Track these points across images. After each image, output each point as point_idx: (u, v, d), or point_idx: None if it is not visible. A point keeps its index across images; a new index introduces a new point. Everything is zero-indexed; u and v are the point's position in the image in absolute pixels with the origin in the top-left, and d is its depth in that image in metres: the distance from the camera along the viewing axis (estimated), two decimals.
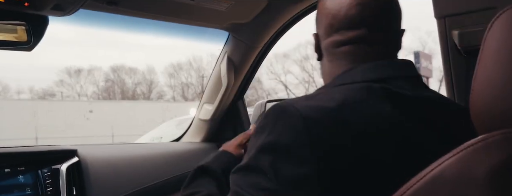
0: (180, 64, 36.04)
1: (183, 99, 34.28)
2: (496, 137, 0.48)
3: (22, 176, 1.14)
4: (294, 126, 0.61)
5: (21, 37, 1.06)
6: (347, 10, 0.74)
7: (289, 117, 0.62)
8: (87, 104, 22.43)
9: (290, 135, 0.61)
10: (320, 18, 0.81)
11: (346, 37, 0.75)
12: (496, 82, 0.50)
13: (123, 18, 1.32)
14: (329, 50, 0.78)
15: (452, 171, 0.48)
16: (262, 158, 0.62)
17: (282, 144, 0.61)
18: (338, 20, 0.75)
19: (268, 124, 0.65)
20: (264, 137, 0.64)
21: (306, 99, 0.66)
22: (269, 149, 0.62)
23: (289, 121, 0.62)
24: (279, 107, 0.65)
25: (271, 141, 0.62)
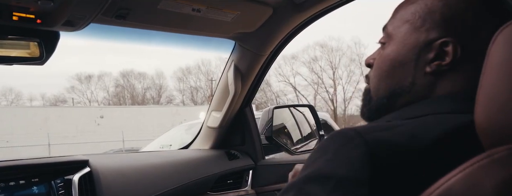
0: (189, 68, 36.26)
1: (192, 103, 34.41)
2: (502, 153, 0.47)
3: (36, 187, 1.17)
4: (357, 160, 0.53)
5: (34, 53, 1.09)
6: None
7: (354, 147, 0.54)
8: (97, 109, 22.61)
9: (349, 169, 0.53)
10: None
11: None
12: (501, 96, 0.49)
13: (131, 30, 1.35)
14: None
15: (459, 187, 0.47)
16: (308, 186, 0.54)
17: (339, 176, 0.53)
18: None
19: (329, 148, 0.57)
20: (321, 162, 0.56)
21: (378, 130, 0.57)
22: (323, 177, 0.54)
23: (353, 153, 0.53)
24: (346, 133, 0.56)
25: (327, 169, 0.54)
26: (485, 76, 0.52)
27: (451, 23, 0.63)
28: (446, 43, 0.63)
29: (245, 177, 1.75)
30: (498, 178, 0.46)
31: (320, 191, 0.53)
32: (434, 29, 0.64)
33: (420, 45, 0.65)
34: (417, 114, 0.62)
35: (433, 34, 0.64)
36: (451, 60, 0.63)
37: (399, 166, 0.53)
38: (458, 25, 0.63)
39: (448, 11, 0.64)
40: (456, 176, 0.49)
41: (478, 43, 0.62)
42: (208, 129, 1.79)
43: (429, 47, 0.64)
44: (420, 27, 0.65)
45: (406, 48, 0.66)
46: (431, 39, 0.64)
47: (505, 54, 0.50)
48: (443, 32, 0.63)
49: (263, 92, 32.08)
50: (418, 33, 0.65)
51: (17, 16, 1.00)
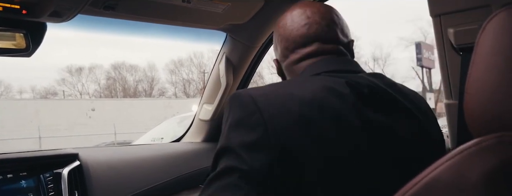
0: (181, 60, 36.10)
1: (184, 96, 34.32)
2: (490, 141, 0.48)
3: (25, 181, 1.15)
4: (244, 103, 0.70)
5: (20, 44, 1.07)
6: (297, 31, 0.86)
7: (240, 98, 0.72)
8: (89, 102, 22.47)
9: (241, 111, 0.70)
10: (276, 45, 0.92)
11: (302, 54, 0.85)
12: (490, 85, 0.50)
13: (121, 22, 1.32)
14: (290, 69, 0.88)
15: (447, 175, 0.48)
16: (226, 138, 0.70)
17: (236, 118, 0.70)
18: (291, 42, 0.86)
19: (225, 113, 0.75)
20: (224, 125, 0.73)
21: (257, 87, 0.76)
22: (229, 131, 0.70)
23: (240, 101, 0.71)
24: (232, 95, 0.74)
25: (228, 124, 0.71)
26: (474, 66, 0.52)
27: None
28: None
29: None
30: (486, 166, 0.46)
31: (231, 135, 0.69)
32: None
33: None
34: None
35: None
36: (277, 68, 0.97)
37: (273, 98, 0.70)
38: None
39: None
40: (443, 164, 0.49)
41: (278, 51, 0.95)
42: (200, 122, 1.78)
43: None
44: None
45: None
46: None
47: (493, 43, 0.50)
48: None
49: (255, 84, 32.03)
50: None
51: (2, 6, 0.97)
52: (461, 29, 1.07)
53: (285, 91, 0.72)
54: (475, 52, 0.53)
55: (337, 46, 0.86)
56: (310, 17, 0.86)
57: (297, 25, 0.86)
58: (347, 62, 0.84)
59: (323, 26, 0.85)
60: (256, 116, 0.68)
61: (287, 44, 0.87)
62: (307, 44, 0.85)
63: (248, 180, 0.65)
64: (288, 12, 0.90)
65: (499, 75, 0.49)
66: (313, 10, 0.87)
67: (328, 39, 0.85)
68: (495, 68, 0.49)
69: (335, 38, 0.86)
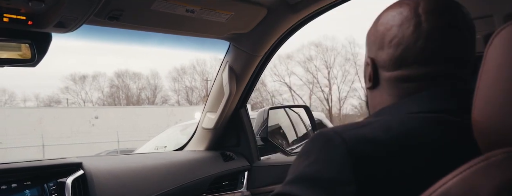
0: (184, 68, 36.14)
1: (187, 103, 34.33)
2: (498, 157, 0.47)
3: (29, 191, 1.15)
4: (339, 160, 0.55)
5: (25, 55, 1.08)
6: (424, 42, 0.64)
7: (334, 148, 0.56)
8: (92, 110, 22.50)
9: (333, 169, 0.55)
10: (383, 44, 0.69)
11: (420, 73, 0.65)
12: (498, 99, 0.49)
13: (125, 31, 1.33)
14: (394, 84, 0.68)
15: (456, 190, 0.47)
16: (296, 188, 0.56)
17: (324, 178, 0.55)
18: (412, 53, 0.65)
19: (312, 152, 0.59)
20: (304, 166, 0.58)
21: (356, 127, 0.59)
22: (308, 181, 0.56)
23: (333, 153, 0.56)
24: (326, 135, 0.59)
25: (311, 172, 0.57)
26: (482, 78, 0.52)
27: (369, 41, 0.73)
28: (369, 61, 0.73)
29: (241, 178, 1.74)
30: (495, 182, 0.46)
31: (307, 194, 0.55)
32: (368, 50, 0.75)
33: (366, 66, 0.76)
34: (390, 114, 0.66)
35: (366, 55, 0.75)
36: (369, 77, 0.73)
37: (379, 159, 0.54)
38: (373, 42, 0.72)
39: (370, 32, 0.74)
40: (452, 179, 0.48)
41: (383, 54, 0.70)
42: (203, 130, 1.78)
43: (367, 67, 0.74)
44: (367, 52, 0.75)
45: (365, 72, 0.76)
46: (365, 59, 0.76)
47: (501, 56, 0.50)
48: (367, 51, 0.74)
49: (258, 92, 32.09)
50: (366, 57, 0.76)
51: (8, 17, 0.98)
52: None
53: (392, 148, 0.55)
54: (483, 65, 0.52)
55: (470, 70, 0.66)
56: (450, 25, 0.65)
57: (429, 33, 0.64)
58: (466, 98, 0.57)
59: (463, 41, 0.65)
60: (350, 187, 0.53)
61: (405, 55, 0.66)
62: (433, 62, 0.65)
63: None
64: (413, 5, 0.67)
65: (507, 89, 0.48)
66: (454, 13, 0.66)
67: (462, 61, 0.65)
68: (503, 81, 0.49)
69: (471, 58, 0.66)
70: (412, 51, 0.65)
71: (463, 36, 0.65)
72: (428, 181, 0.50)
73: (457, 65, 0.65)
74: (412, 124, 0.58)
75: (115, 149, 16.75)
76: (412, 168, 0.54)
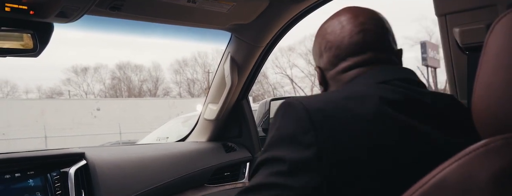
0: (186, 60, 36.13)
1: (189, 95, 34.36)
2: (498, 142, 0.48)
3: (32, 180, 1.16)
4: (298, 117, 0.66)
5: (27, 45, 1.08)
6: (350, 38, 0.81)
7: (294, 110, 0.67)
8: (94, 102, 22.55)
9: (294, 125, 0.66)
10: (320, 52, 0.86)
11: (354, 62, 0.80)
12: (498, 86, 0.49)
13: (127, 22, 1.33)
14: (337, 78, 0.83)
15: (455, 176, 0.48)
16: (270, 152, 0.67)
17: (287, 134, 0.66)
18: (343, 49, 0.81)
19: (276, 119, 0.71)
20: (273, 132, 0.69)
21: (311, 96, 0.72)
22: (277, 142, 0.67)
23: (293, 113, 0.67)
24: (285, 103, 0.70)
25: (277, 134, 0.68)
26: (482, 66, 0.52)
27: (313, 54, 0.91)
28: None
29: (242, 169, 1.75)
30: (494, 168, 0.46)
31: (279, 152, 0.65)
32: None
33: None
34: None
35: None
36: (319, 79, 0.89)
37: (330, 111, 0.66)
38: (314, 54, 0.91)
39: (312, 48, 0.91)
40: (450, 165, 0.49)
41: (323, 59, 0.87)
42: (205, 122, 1.78)
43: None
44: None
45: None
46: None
47: (502, 44, 0.50)
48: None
49: (260, 84, 32.08)
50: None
51: (10, 7, 0.98)
52: (467, 29, 1.07)
53: (345, 106, 0.66)
54: (483, 53, 0.52)
55: (391, 55, 0.82)
56: (364, 23, 0.81)
57: (350, 31, 0.81)
58: (402, 71, 0.79)
59: (378, 34, 0.82)
60: (310, 135, 0.63)
61: (337, 52, 0.82)
62: (361, 52, 0.80)
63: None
64: (336, 17, 0.85)
65: (507, 76, 0.49)
66: (366, 16, 0.83)
67: (382, 48, 0.81)
68: (504, 69, 0.49)
69: (389, 46, 0.83)
70: (343, 48, 0.82)
71: (376, 31, 0.82)
72: (372, 124, 0.64)
73: (379, 52, 0.81)
74: (356, 88, 0.73)
75: (117, 141, 16.82)
76: (354, 116, 0.66)
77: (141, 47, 44.03)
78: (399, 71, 0.78)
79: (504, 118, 0.49)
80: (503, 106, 0.49)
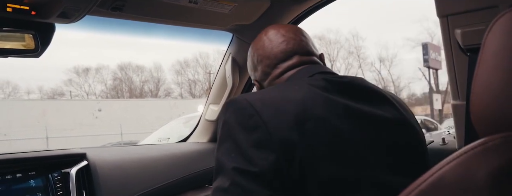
0: (187, 61, 36.14)
1: (190, 96, 34.38)
2: (496, 141, 0.48)
3: (33, 181, 1.16)
4: (242, 106, 0.74)
5: (29, 45, 1.08)
6: (277, 48, 0.93)
7: (236, 103, 0.75)
8: (95, 102, 22.58)
9: (239, 114, 0.73)
10: (255, 67, 0.98)
11: (284, 67, 0.92)
12: (496, 85, 0.49)
13: (128, 22, 1.33)
14: (272, 84, 0.94)
15: (453, 175, 0.48)
16: (223, 146, 0.73)
17: (235, 121, 0.73)
18: (273, 58, 0.93)
19: (221, 117, 0.77)
20: (220, 128, 0.76)
21: (250, 92, 0.83)
22: (227, 134, 0.73)
23: (237, 105, 0.75)
24: (227, 101, 0.78)
25: (226, 127, 0.74)
26: (480, 65, 0.52)
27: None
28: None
29: None
30: (492, 166, 0.46)
31: (231, 141, 0.72)
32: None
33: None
34: None
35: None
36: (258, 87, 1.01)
37: (269, 103, 0.74)
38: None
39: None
40: (449, 164, 0.49)
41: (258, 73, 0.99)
42: (206, 122, 1.78)
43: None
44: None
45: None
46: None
47: (500, 43, 0.50)
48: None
49: None
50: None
51: (11, 7, 0.98)
52: (468, 30, 1.07)
53: (278, 94, 0.77)
54: (481, 52, 0.53)
55: (313, 57, 0.95)
56: (285, 35, 0.94)
57: (276, 42, 0.94)
58: (325, 68, 0.91)
59: (299, 41, 0.94)
60: (255, 119, 0.71)
61: (268, 62, 0.94)
62: (288, 58, 0.92)
63: (258, 180, 0.67)
64: (261, 35, 0.98)
65: (505, 75, 0.49)
66: (285, 29, 0.96)
67: (305, 52, 0.94)
68: (501, 68, 0.49)
69: (310, 50, 0.95)
70: (272, 57, 0.93)
71: (296, 39, 0.94)
72: (306, 103, 0.73)
73: (303, 56, 0.93)
74: (289, 83, 0.85)
75: (118, 141, 16.83)
76: (289, 100, 0.74)
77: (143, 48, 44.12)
78: (321, 67, 0.91)
79: (503, 117, 0.49)
80: (501, 105, 0.49)
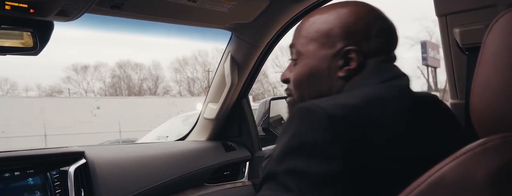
0: (186, 59, 36.16)
1: (189, 94, 34.39)
2: (495, 141, 0.48)
3: (31, 179, 1.16)
4: (320, 124, 0.60)
5: (27, 43, 1.08)
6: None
7: (313, 116, 0.61)
8: (94, 100, 22.55)
9: (316, 134, 0.60)
10: (369, 33, 0.77)
11: (392, 56, 0.80)
12: (496, 85, 0.49)
13: (127, 21, 1.33)
14: (374, 68, 0.77)
15: (453, 175, 0.48)
16: (286, 162, 0.60)
17: (309, 144, 0.60)
18: (396, 39, 0.81)
19: (292, 125, 0.64)
20: (288, 138, 0.62)
21: (329, 99, 0.66)
22: (295, 151, 0.61)
23: (314, 120, 0.61)
24: (304, 107, 0.64)
25: (296, 142, 0.61)
26: (480, 65, 0.52)
27: (349, 35, 0.75)
28: (349, 51, 0.74)
29: (242, 168, 1.75)
30: (491, 166, 0.46)
31: (296, 162, 0.59)
32: (338, 42, 0.75)
33: (330, 57, 0.76)
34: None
35: (338, 46, 0.75)
36: (357, 64, 0.74)
37: (354, 120, 0.61)
38: (354, 35, 0.75)
39: (344, 26, 0.76)
40: (448, 164, 0.49)
41: (371, 43, 0.76)
42: (204, 121, 1.78)
43: (337, 57, 0.76)
44: (326, 43, 0.76)
45: (319, 61, 0.77)
46: (337, 50, 0.75)
47: (500, 43, 0.50)
48: (344, 43, 0.75)
49: (260, 83, 32.09)
50: (325, 48, 0.77)
51: (10, 5, 0.98)
52: (467, 29, 1.07)
53: (368, 111, 0.63)
54: (481, 52, 0.53)
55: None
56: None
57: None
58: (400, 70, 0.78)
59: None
60: (335, 147, 0.58)
61: (391, 41, 0.80)
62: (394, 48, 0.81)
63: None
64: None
65: (505, 75, 0.49)
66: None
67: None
68: (501, 68, 0.49)
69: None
70: (396, 38, 0.81)
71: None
72: (401, 132, 0.63)
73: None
74: (371, 89, 0.69)
75: (117, 139, 16.83)
76: (376, 123, 0.62)
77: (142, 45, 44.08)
78: (396, 68, 0.79)
79: (502, 117, 0.49)
80: (501, 105, 0.49)
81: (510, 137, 0.48)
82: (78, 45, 43.40)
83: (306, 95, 0.80)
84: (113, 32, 1.46)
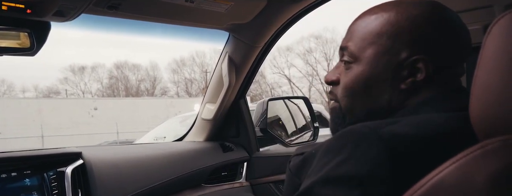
0: (183, 60, 36.14)
1: (187, 95, 34.35)
2: (495, 144, 0.47)
3: (28, 179, 1.16)
4: (376, 158, 0.53)
5: (24, 43, 1.07)
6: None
7: (372, 146, 0.53)
8: (91, 101, 22.52)
9: (368, 168, 0.52)
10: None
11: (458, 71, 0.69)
12: (495, 87, 0.49)
13: (124, 21, 1.33)
14: (443, 82, 0.68)
15: (452, 179, 0.48)
16: (325, 191, 0.54)
17: (359, 176, 0.52)
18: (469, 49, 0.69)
19: (342, 149, 0.55)
20: (335, 164, 0.55)
21: (389, 123, 0.57)
22: (341, 180, 0.53)
23: (371, 152, 0.53)
24: (359, 131, 0.56)
25: (344, 171, 0.54)
26: (480, 67, 0.52)
27: (418, 41, 0.65)
28: (417, 61, 0.64)
29: (240, 169, 1.75)
30: (490, 169, 0.46)
31: (341, 194, 0.52)
32: (404, 49, 0.65)
33: (393, 65, 0.66)
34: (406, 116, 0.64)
35: (404, 53, 0.65)
36: (425, 76, 0.64)
37: (416, 156, 0.54)
38: (424, 42, 0.65)
39: (414, 30, 0.65)
40: (448, 167, 0.49)
41: (444, 53, 0.65)
42: (202, 121, 1.78)
43: (402, 66, 0.65)
44: (390, 49, 0.66)
45: (379, 69, 0.67)
46: (403, 58, 0.65)
47: (499, 45, 0.50)
48: (413, 50, 0.65)
49: (257, 84, 32.09)
50: (389, 54, 0.66)
51: (6, 5, 0.97)
52: None
53: (436, 147, 0.55)
54: (481, 54, 0.52)
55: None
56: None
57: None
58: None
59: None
60: (384, 187, 0.52)
61: (466, 50, 0.68)
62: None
63: None
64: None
65: (505, 78, 0.48)
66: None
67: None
68: (501, 70, 0.49)
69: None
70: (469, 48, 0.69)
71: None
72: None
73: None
74: (441, 121, 0.59)
75: (114, 140, 16.79)
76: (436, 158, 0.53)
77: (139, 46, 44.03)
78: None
79: (502, 120, 0.49)
80: (500, 108, 0.49)
81: (510, 140, 0.47)
82: (75, 46, 43.34)
83: (357, 107, 0.70)
84: (110, 32, 1.46)
